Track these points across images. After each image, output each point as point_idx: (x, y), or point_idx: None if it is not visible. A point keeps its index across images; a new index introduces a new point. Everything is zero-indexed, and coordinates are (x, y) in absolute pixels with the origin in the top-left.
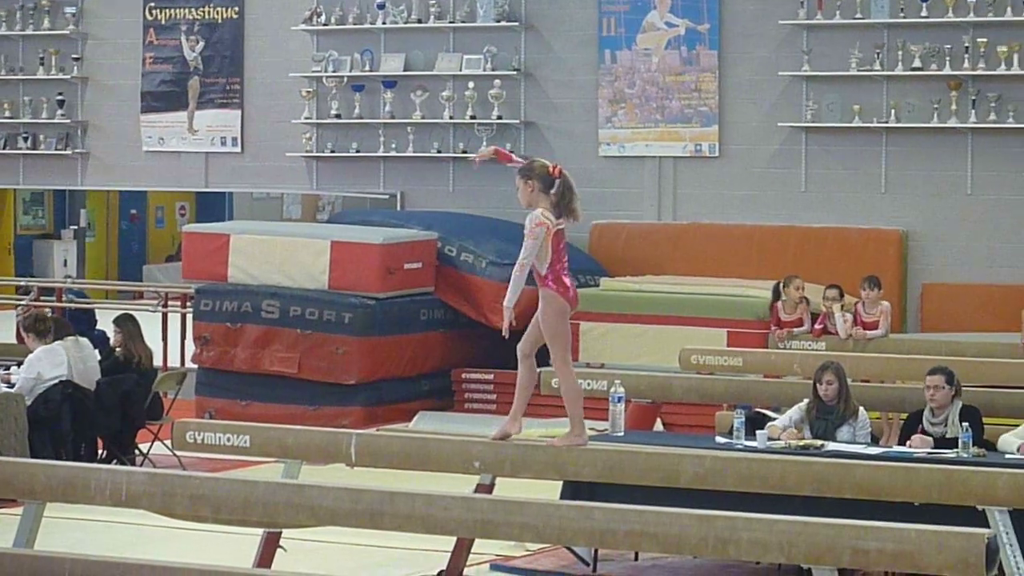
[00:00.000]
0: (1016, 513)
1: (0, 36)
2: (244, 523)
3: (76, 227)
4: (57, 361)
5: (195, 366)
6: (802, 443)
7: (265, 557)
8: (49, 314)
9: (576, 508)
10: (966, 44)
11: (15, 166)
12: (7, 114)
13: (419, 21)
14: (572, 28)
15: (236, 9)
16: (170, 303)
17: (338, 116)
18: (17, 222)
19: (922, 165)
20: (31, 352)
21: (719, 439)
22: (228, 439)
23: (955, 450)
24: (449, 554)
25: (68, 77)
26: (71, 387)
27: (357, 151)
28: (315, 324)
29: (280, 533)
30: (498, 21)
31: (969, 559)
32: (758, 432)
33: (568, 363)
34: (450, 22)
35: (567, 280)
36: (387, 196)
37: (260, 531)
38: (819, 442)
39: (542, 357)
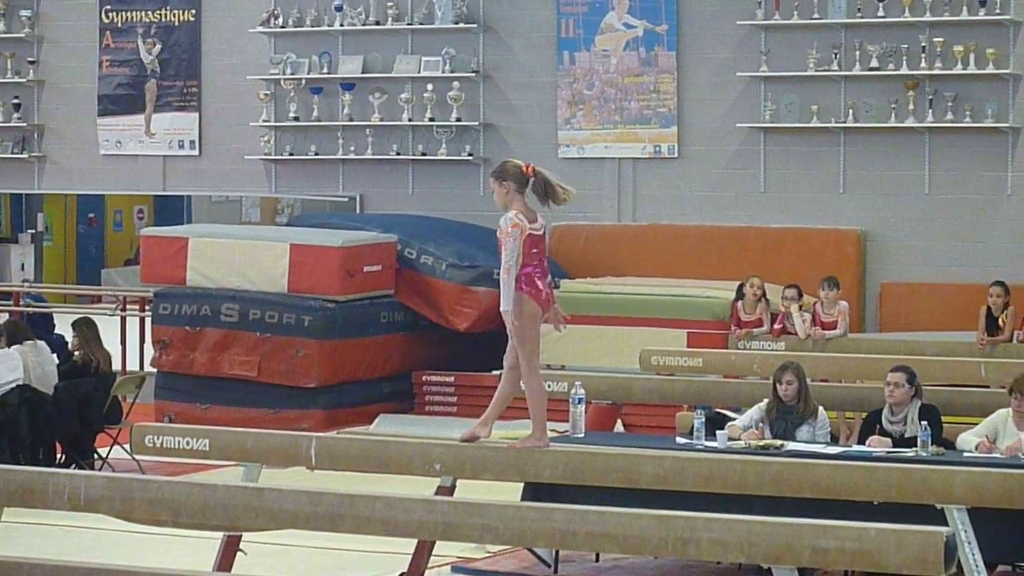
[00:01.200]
0: (974, 511)
1: None
2: (204, 527)
3: (33, 231)
4: (12, 365)
5: (154, 370)
6: (762, 443)
7: (225, 561)
8: (4, 319)
9: (536, 509)
10: (923, 44)
11: None
12: None
13: (377, 23)
14: (530, 29)
15: (193, 12)
16: (129, 307)
17: (296, 119)
18: None
19: (880, 165)
20: None
21: (679, 440)
22: (187, 443)
23: (914, 449)
24: (410, 556)
25: (24, 80)
26: (28, 391)
27: (316, 154)
28: (275, 327)
29: (240, 537)
30: (456, 23)
31: (928, 557)
32: (718, 432)
33: (535, 366)
34: (408, 24)
35: (540, 283)
36: (346, 199)
37: (220, 535)
38: (779, 442)
39: None
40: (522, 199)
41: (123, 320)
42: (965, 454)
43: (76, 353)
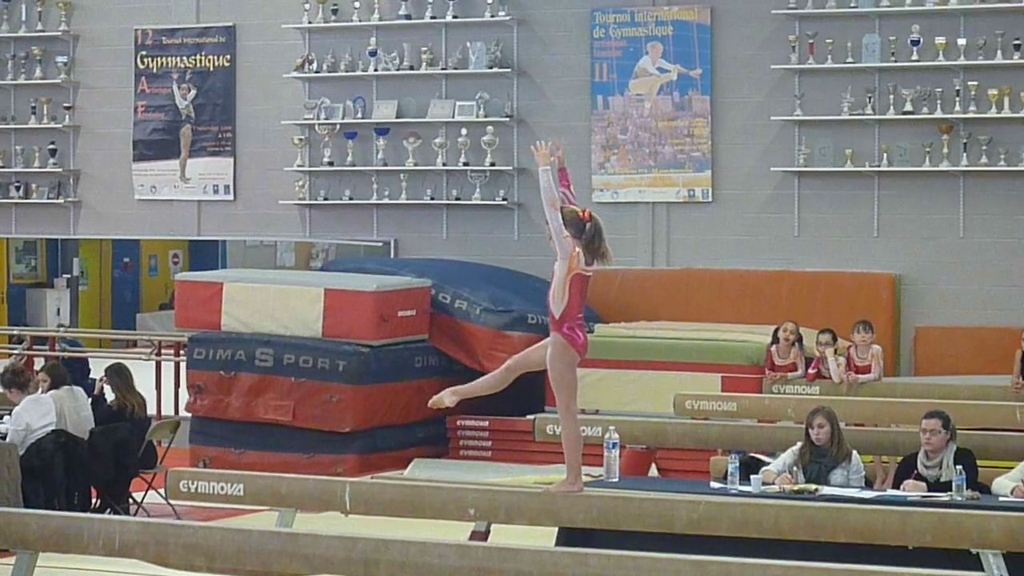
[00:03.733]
0: (1010, 556)
1: None
2: (238, 572)
3: (69, 275)
4: (44, 410)
5: (189, 415)
6: (796, 488)
7: None
8: (41, 364)
9: (571, 555)
10: (957, 87)
11: (8, 215)
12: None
13: (411, 68)
14: (564, 74)
15: (228, 57)
16: (163, 351)
17: (331, 163)
18: (10, 271)
19: (914, 208)
20: (16, 404)
21: (714, 484)
22: (222, 488)
23: (949, 493)
24: None
25: (60, 126)
26: (64, 436)
27: (350, 198)
28: (309, 372)
29: None
30: (490, 67)
31: None
32: (752, 477)
33: (573, 411)
34: (442, 69)
35: (580, 330)
36: (380, 243)
37: None
38: (813, 486)
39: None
40: (578, 244)
41: (158, 365)
42: (1000, 498)
43: (110, 399)
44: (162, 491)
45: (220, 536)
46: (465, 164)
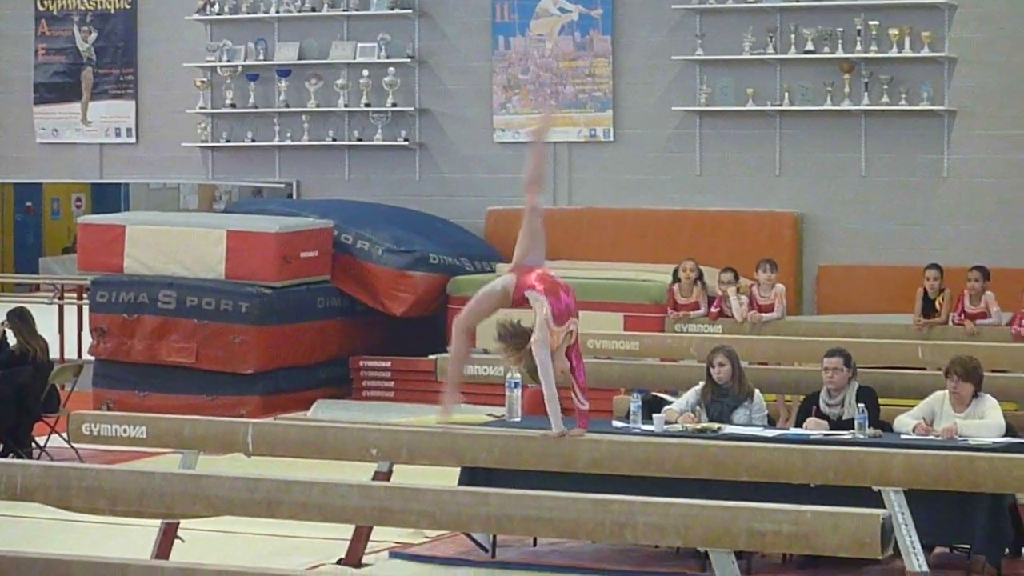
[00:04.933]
0: (911, 493)
1: None
2: (141, 514)
3: None
4: None
5: (92, 358)
6: (698, 426)
7: (163, 548)
8: None
9: (472, 494)
10: (858, 27)
11: None
12: None
13: (312, 10)
14: (465, 15)
15: (129, 0)
16: (66, 295)
17: (233, 106)
18: None
19: (816, 148)
20: None
21: (616, 424)
22: (125, 430)
23: (851, 431)
24: (348, 542)
25: None
26: None
27: (252, 140)
28: (212, 314)
29: (178, 524)
30: (391, 9)
31: (864, 539)
32: (655, 416)
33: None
34: (343, 10)
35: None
36: (283, 185)
37: (158, 522)
38: (716, 425)
39: None
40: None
41: (61, 308)
42: (902, 436)
43: (12, 343)
44: (65, 435)
45: (122, 479)
46: (367, 105)
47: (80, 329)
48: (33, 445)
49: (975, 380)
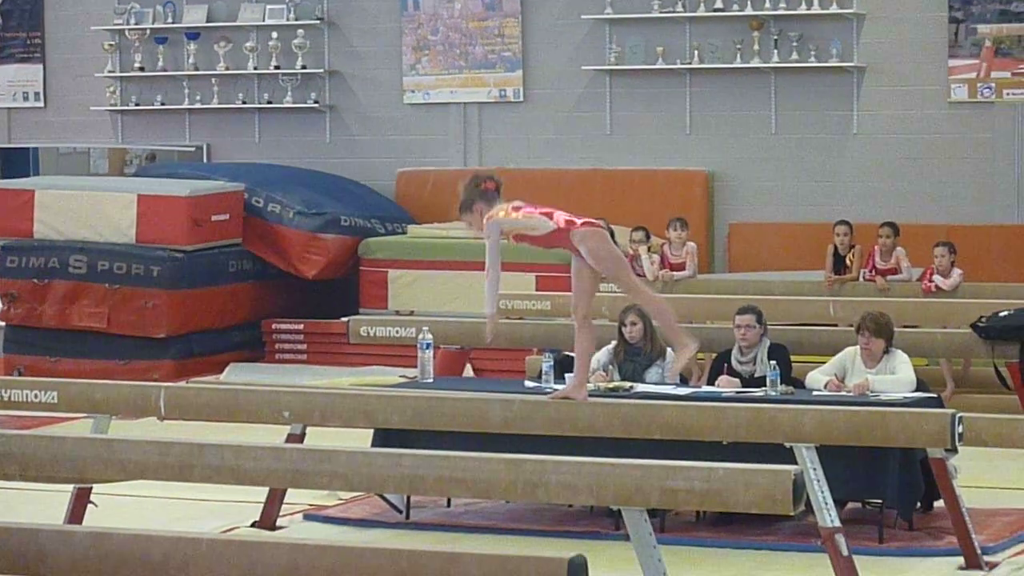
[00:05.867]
0: (823, 449)
1: None
2: (53, 479)
3: None
4: None
5: (2, 323)
6: (611, 385)
7: (76, 513)
8: None
9: (385, 455)
10: None
11: None
12: None
13: None
14: None
15: None
16: None
17: (142, 69)
18: None
19: (726, 106)
20: None
21: (528, 383)
22: (36, 395)
23: (763, 388)
24: (262, 505)
25: None
26: None
27: (162, 104)
28: (123, 278)
29: (90, 489)
30: None
31: (776, 495)
32: (567, 375)
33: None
34: None
35: (576, 220)
36: (193, 148)
37: (70, 487)
38: (627, 384)
39: None
40: (493, 206)
41: None
42: (814, 393)
43: None
44: None
45: (33, 444)
46: (276, 68)
47: None
48: None
49: (886, 336)
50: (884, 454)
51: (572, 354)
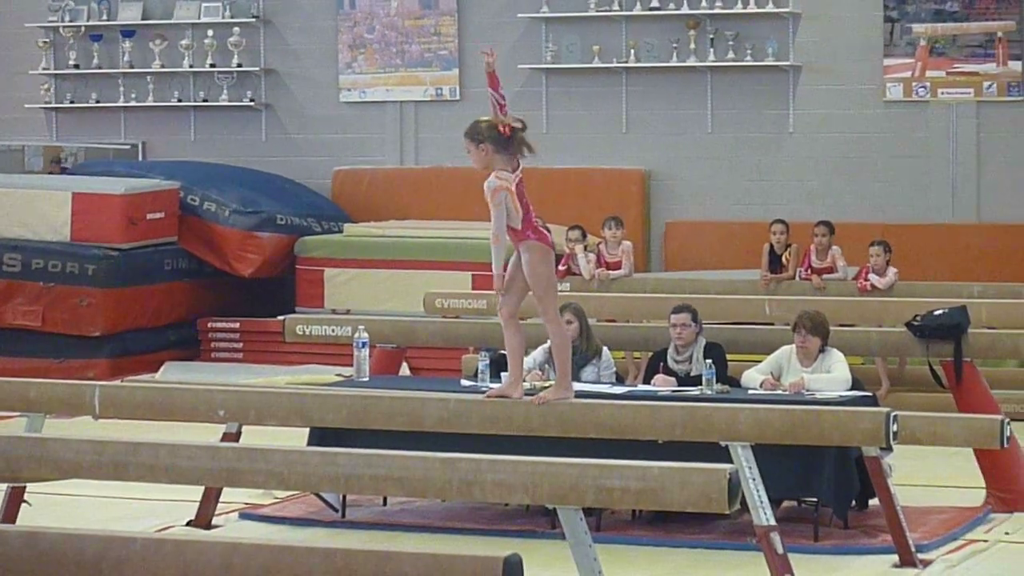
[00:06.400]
0: (759, 448)
1: None
2: None
3: None
4: None
5: None
6: (547, 384)
7: (9, 512)
8: None
9: (320, 454)
10: None
11: None
12: None
13: None
14: None
15: None
16: None
17: (76, 66)
18: None
19: (663, 104)
20: None
21: (464, 382)
22: None
23: (699, 387)
24: (198, 504)
25: None
26: None
27: (97, 101)
28: (58, 276)
29: (24, 488)
30: None
31: (711, 494)
32: (503, 374)
33: (558, 313)
34: None
35: (542, 230)
36: (129, 146)
37: (3, 486)
38: None
39: None
40: (502, 158)
41: None
42: (750, 391)
43: None
44: None
45: None
46: (212, 66)
47: None
48: None
49: (822, 334)
50: (819, 452)
51: None
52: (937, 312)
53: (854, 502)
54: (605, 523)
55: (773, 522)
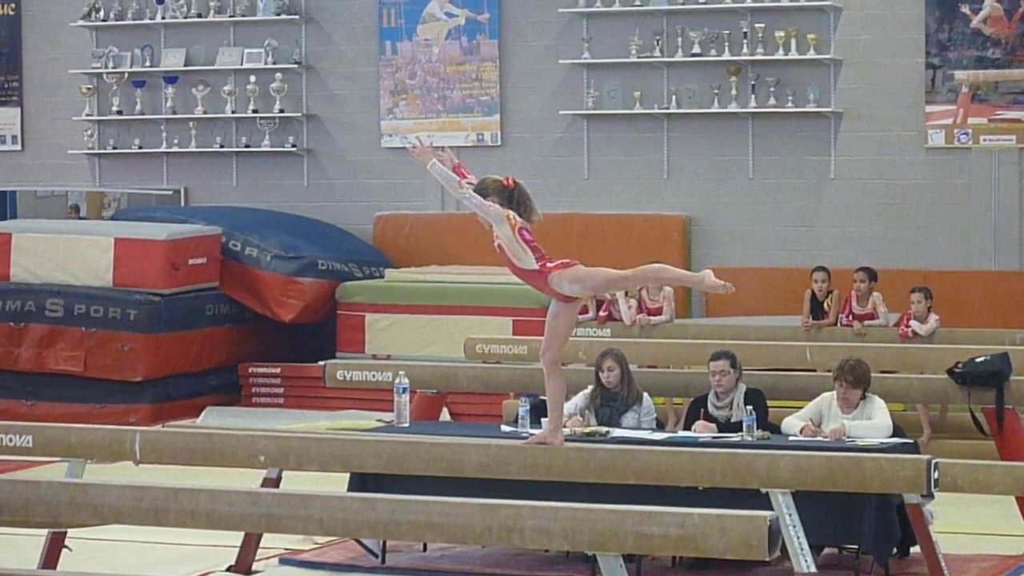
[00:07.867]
0: (799, 495)
1: None
2: (27, 524)
3: None
4: None
5: None
6: (587, 430)
7: (50, 558)
8: None
9: (360, 500)
10: (744, 30)
11: None
12: None
13: (199, 15)
14: (352, 20)
15: (12, 5)
16: None
17: (119, 112)
18: None
19: (704, 150)
20: None
21: (505, 428)
22: (11, 439)
23: (739, 434)
24: (238, 549)
25: None
26: None
27: (139, 147)
28: (100, 322)
29: (65, 533)
30: (278, 14)
31: (752, 541)
32: (543, 420)
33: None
34: (230, 16)
35: (558, 261)
36: (171, 192)
37: (44, 532)
38: (604, 429)
39: None
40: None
41: None
42: (790, 438)
43: None
44: None
45: (8, 488)
46: (254, 111)
47: None
48: None
49: (864, 385)
50: (860, 499)
51: None
52: (979, 359)
53: (895, 549)
54: (645, 570)
55: (814, 569)
